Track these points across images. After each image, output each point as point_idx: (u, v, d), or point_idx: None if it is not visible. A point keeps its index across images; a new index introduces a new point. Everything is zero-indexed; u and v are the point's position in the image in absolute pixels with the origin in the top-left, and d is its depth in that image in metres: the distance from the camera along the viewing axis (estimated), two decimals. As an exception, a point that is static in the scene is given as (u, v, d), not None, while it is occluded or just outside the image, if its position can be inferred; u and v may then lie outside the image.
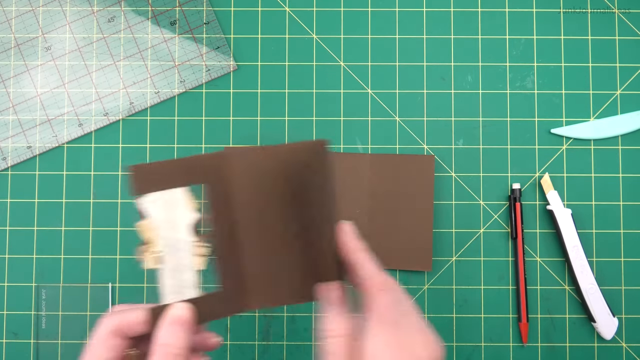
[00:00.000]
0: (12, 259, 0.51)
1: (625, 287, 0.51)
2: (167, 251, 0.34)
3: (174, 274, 0.34)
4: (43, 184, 0.51)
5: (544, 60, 0.52)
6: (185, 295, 0.34)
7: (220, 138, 0.51)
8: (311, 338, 0.50)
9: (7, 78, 0.52)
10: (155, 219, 0.33)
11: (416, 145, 0.51)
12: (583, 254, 0.49)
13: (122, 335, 0.32)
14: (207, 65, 0.52)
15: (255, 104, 0.52)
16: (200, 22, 0.52)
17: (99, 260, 0.51)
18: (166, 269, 0.34)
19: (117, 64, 0.52)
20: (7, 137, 0.51)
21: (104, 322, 0.32)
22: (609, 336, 0.49)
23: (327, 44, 0.52)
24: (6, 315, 0.50)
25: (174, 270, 0.34)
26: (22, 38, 0.52)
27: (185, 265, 0.34)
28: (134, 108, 0.52)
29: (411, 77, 0.52)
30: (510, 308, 0.50)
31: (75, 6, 0.52)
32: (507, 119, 0.52)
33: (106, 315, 0.32)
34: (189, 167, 0.33)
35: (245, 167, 0.35)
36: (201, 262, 0.34)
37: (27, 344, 0.50)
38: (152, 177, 0.33)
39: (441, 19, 0.52)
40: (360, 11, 0.52)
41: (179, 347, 0.30)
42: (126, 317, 0.32)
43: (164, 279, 0.34)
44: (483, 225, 0.51)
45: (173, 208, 0.34)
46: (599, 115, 0.52)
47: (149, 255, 0.34)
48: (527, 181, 0.51)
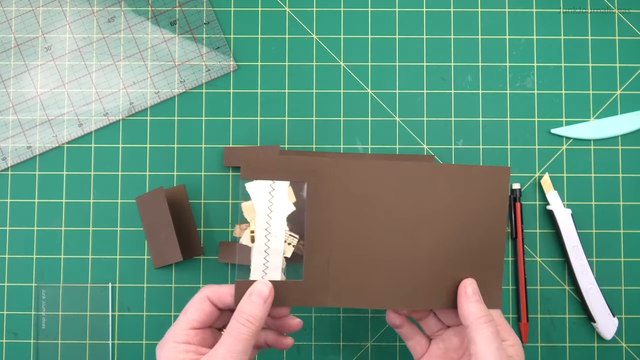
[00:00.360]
0: (12, 259, 0.51)
1: (625, 287, 0.51)
2: (261, 233, 0.37)
3: (263, 254, 0.37)
4: (43, 184, 0.51)
5: (544, 60, 0.52)
6: (270, 276, 0.37)
7: (220, 138, 0.51)
8: (311, 338, 0.50)
9: (7, 78, 0.52)
10: (256, 202, 0.37)
11: (416, 145, 0.51)
12: (583, 254, 0.49)
13: (213, 303, 0.37)
14: (207, 65, 0.52)
15: (255, 104, 0.52)
16: (200, 22, 0.52)
17: (99, 260, 0.51)
18: (257, 249, 0.37)
19: (117, 64, 0.52)
20: (7, 137, 0.51)
21: (202, 289, 0.38)
22: (609, 336, 0.49)
23: (327, 44, 0.52)
24: (6, 315, 0.50)
25: (264, 251, 0.37)
26: (22, 38, 0.52)
27: (275, 249, 0.37)
28: (134, 108, 0.52)
29: (411, 77, 0.52)
30: (510, 308, 0.50)
31: (75, 6, 0.52)
32: (507, 119, 0.52)
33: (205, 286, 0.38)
34: (296, 166, 0.37)
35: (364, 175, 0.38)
36: (289, 250, 0.38)
37: (27, 344, 0.50)
38: (261, 167, 0.37)
39: (441, 19, 0.52)
40: (360, 11, 0.52)
41: (254, 317, 0.35)
42: (219, 288, 0.37)
43: (254, 257, 0.37)
44: (483, 225, 0.51)
45: (275, 197, 0.37)
46: (599, 115, 0.52)
47: (245, 232, 0.38)
48: (527, 181, 0.51)
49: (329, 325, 0.51)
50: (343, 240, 0.38)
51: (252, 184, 0.37)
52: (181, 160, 0.51)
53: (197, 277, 0.51)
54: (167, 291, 0.50)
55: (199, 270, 0.51)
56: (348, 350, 0.50)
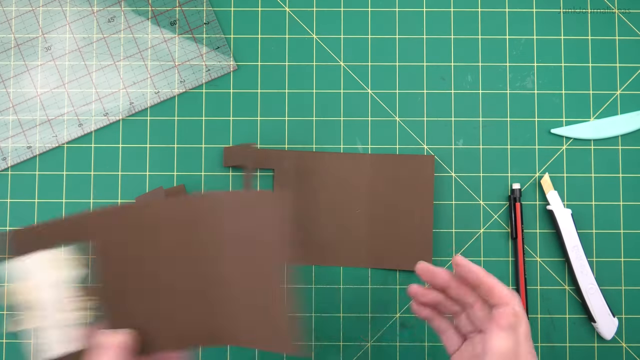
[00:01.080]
0: (12, 259, 0.51)
1: (625, 287, 0.51)
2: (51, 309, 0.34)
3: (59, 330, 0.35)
4: (43, 184, 0.51)
5: (544, 60, 0.52)
6: (71, 347, 0.35)
7: (220, 138, 0.51)
8: (311, 338, 0.50)
9: (7, 78, 0.52)
10: (36, 279, 0.34)
11: (416, 145, 0.51)
12: (583, 254, 0.49)
13: None
14: (207, 65, 0.52)
15: (255, 104, 0.52)
16: (200, 22, 0.52)
17: (99, 260, 0.51)
18: (50, 327, 0.34)
19: (117, 64, 0.52)
20: (7, 137, 0.51)
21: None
22: (609, 336, 0.49)
23: (327, 44, 0.52)
24: (6, 315, 0.50)
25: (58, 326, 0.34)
26: (22, 38, 0.52)
27: (68, 319, 0.35)
28: (134, 108, 0.52)
29: (411, 77, 0.52)
30: (510, 308, 0.50)
31: (75, 6, 0.52)
32: (507, 119, 0.52)
33: None
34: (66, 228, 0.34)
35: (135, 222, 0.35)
36: (85, 315, 0.35)
37: (27, 344, 0.50)
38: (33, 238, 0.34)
39: (441, 19, 0.52)
40: (360, 11, 0.52)
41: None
42: None
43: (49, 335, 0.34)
44: (483, 225, 0.51)
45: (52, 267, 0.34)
46: (599, 115, 0.52)
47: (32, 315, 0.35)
48: (527, 181, 0.51)
49: (329, 325, 0.50)
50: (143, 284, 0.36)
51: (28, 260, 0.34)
52: (181, 160, 0.51)
53: (197, 277, 0.51)
54: (167, 291, 0.50)
55: (199, 270, 0.51)
56: (348, 350, 0.50)
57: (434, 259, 0.50)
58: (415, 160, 0.50)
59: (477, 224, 0.51)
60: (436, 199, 0.51)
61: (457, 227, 0.51)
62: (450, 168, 0.51)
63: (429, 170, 0.50)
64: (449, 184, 0.51)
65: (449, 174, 0.51)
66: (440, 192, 0.51)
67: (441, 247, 0.51)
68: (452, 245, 0.51)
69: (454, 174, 0.51)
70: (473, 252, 0.51)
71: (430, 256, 0.50)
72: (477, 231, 0.51)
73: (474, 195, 0.51)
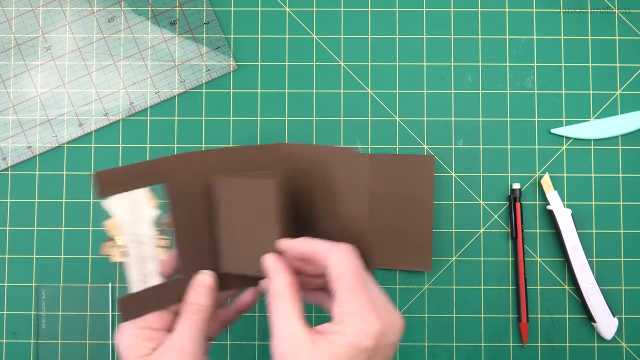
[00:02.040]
0: (12, 259, 0.51)
1: (625, 287, 0.51)
2: (131, 245, 0.37)
3: (139, 265, 0.37)
4: (43, 184, 0.51)
5: (544, 60, 0.52)
6: (149, 283, 0.38)
7: (220, 138, 0.51)
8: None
9: (7, 78, 0.52)
10: (119, 217, 0.37)
11: (416, 145, 0.51)
12: (583, 254, 0.49)
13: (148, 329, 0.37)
14: (207, 65, 0.52)
15: (255, 104, 0.52)
16: (200, 22, 0.52)
17: (99, 260, 0.51)
18: (131, 261, 0.37)
19: (117, 64, 0.52)
20: (7, 137, 0.51)
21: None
22: (609, 336, 0.49)
23: (327, 44, 0.52)
24: (6, 315, 0.50)
25: (139, 262, 0.37)
26: (22, 38, 0.52)
27: (149, 256, 0.38)
28: (134, 108, 0.52)
29: (411, 77, 0.52)
30: (510, 308, 0.50)
31: (75, 6, 0.52)
32: (507, 119, 0.52)
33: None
34: (147, 170, 0.37)
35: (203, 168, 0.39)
36: (163, 252, 0.38)
37: (27, 344, 0.50)
38: (115, 181, 0.36)
39: (441, 19, 0.52)
40: (360, 11, 0.52)
41: (202, 305, 0.37)
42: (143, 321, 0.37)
43: (131, 270, 0.37)
44: (483, 225, 0.51)
45: (136, 207, 0.37)
46: (599, 115, 0.52)
47: (115, 250, 0.38)
48: (527, 181, 0.51)
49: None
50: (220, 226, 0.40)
51: (111, 200, 0.36)
52: (181, 160, 0.51)
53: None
54: (167, 291, 0.50)
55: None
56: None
57: (434, 259, 0.50)
58: (415, 160, 0.50)
59: (477, 224, 0.51)
60: (436, 199, 0.51)
61: (457, 227, 0.51)
62: (450, 168, 0.51)
63: (429, 170, 0.50)
64: (449, 184, 0.51)
65: (449, 174, 0.51)
66: (440, 192, 0.51)
67: (441, 247, 0.51)
68: (452, 245, 0.51)
69: (454, 174, 0.51)
70: (473, 252, 0.51)
71: (430, 256, 0.50)
72: (477, 231, 0.51)
73: (474, 195, 0.51)
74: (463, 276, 0.51)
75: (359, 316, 0.32)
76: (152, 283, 0.38)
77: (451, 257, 0.51)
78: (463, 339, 0.50)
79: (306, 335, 0.32)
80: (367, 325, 0.32)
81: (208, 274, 0.38)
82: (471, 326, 0.50)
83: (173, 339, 0.35)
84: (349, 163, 0.39)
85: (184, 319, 0.36)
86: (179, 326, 0.36)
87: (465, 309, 0.50)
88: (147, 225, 0.37)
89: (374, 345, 0.32)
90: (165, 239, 0.38)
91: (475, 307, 0.50)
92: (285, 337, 0.33)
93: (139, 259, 0.37)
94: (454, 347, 0.50)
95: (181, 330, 0.36)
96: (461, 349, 0.50)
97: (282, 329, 0.33)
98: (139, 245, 0.37)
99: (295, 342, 0.32)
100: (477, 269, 0.51)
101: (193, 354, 0.35)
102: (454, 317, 0.50)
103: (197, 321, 0.36)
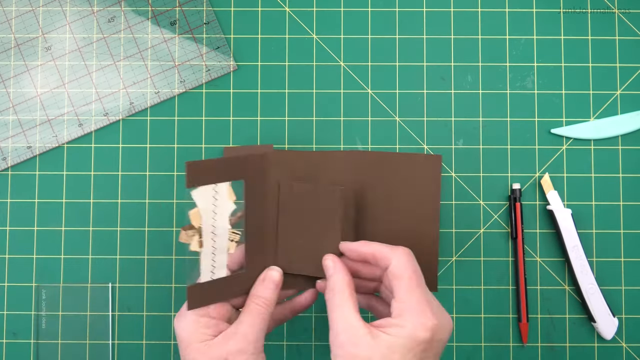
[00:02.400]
0: (12, 259, 0.51)
1: (625, 287, 0.51)
2: (208, 236, 0.38)
3: (211, 256, 0.39)
4: (43, 184, 0.51)
5: (544, 60, 0.52)
6: (217, 274, 0.39)
7: (220, 138, 0.51)
8: (311, 338, 0.50)
9: (7, 78, 0.52)
10: (202, 208, 0.38)
11: (416, 145, 0.51)
12: (583, 254, 0.49)
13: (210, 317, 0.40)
14: (207, 65, 0.52)
15: (255, 104, 0.52)
16: (200, 22, 0.52)
17: (99, 260, 0.51)
18: (205, 252, 0.38)
19: (117, 64, 0.52)
20: (7, 137, 0.51)
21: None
22: (609, 336, 0.49)
23: (327, 44, 0.52)
24: (6, 315, 0.50)
25: (212, 253, 0.39)
26: (22, 38, 0.52)
27: (221, 248, 0.39)
28: (134, 108, 0.52)
29: (411, 77, 0.52)
30: (510, 308, 0.50)
31: (75, 6, 0.52)
32: (507, 119, 0.52)
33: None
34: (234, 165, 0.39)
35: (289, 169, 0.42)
36: (233, 246, 0.40)
37: (27, 344, 0.50)
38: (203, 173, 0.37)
39: (441, 19, 0.52)
40: (360, 11, 0.52)
41: (267, 299, 0.40)
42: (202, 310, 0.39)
43: (203, 260, 0.38)
44: (483, 225, 0.51)
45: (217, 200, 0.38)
46: (599, 115, 0.52)
47: (195, 239, 0.39)
48: (527, 181, 0.51)
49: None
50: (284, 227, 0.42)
51: (198, 191, 0.38)
52: (181, 160, 0.51)
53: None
54: (167, 291, 0.50)
55: (199, 270, 0.51)
56: (348, 350, 0.50)
57: (434, 259, 0.50)
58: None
59: (477, 224, 0.51)
60: (436, 199, 0.51)
61: (457, 227, 0.51)
62: (450, 168, 0.51)
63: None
64: (449, 184, 0.51)
65: (449, 174, 0.51)
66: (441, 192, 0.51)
67: (441, 247, 0.51)
68: (452, 245, 0.51)
69: (454, 174, 0.51)
70: (473, 252, 0.51)
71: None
72: (477, 231, 0.51)
73: (474, 195, 0.51)
74: (463, 276, 0.51)
75: (418, 311, 0.35)
76: (219, 275, 0.39)
77: (451, 257, 0.51)
78: (463, 339, 0.50)
79: (364, 328, 0.35)
80: (425, 320, 0.35)
81: (277, 270, 0.41)
82: (471, 326, 0.50)
83: (238, 327, 0.38)
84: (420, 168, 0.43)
85: (250, 309, 0.39)
86: (245, 316, 0.39)
87: (465, 309, 0.50)
88: (224, 218, 0.39)
89: (429, 338, 0.34)
90: (237, 233, 0.40)
91: (475, 307, 0.50)
92: (345, 329, 0.35)
93: (212, 250, 0.39)
94: (454, 347, 0.50)
95: (247, 320, 0.38)
96: (461, 349, 0.50)
97: (342, 322, 0.36)
98: (214, 236, 0.39)
99: (354, 334, 0.35)
100: (477, 269, 0.51)
101: (255, 344, 0.37)
102: (454, 317, 0.50)
103: (262, 313, 0.39)
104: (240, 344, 0.37)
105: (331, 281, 0.39)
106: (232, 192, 0.39)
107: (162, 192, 0.51)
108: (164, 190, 0.51)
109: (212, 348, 0.37)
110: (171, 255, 0.51)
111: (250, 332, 0.38)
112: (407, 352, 0.34)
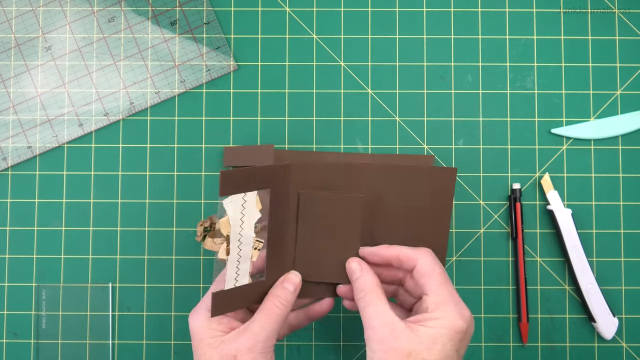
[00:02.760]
0: (12, 259, 0.51)
1: (625, 287, 0.51)
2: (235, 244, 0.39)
3: (236, 264, 0.39)
4: (43, 184, 0.51)
5: (544, 60, 0.52)
6: (240, 282, 0.39)
7: (220, 138, 0.51)
8: (311, 338, 0.50)
9: (7, 78, 0.52)
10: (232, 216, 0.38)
11: (416, 145, 0.51)
12: (583, 254, 0.49)
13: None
14: (207, 65, 0.52)
15: (255, 104, 0.52)
16: (200, 22, 0.52)
17: (99, 260, 0.51)
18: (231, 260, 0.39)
19: (117, 64, 0.52)
20: (7, 137, 0.51)
21: None
22: (609, 336, 0.49)
23: (327, 44, 0.52)
24: (6, 315, 0.50)
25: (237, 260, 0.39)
26: (22, 38, 0.52)
27: (245, 256, 0.39)
28: (134, 108, 0.52)
29: (411, 77, 0.52)
30: (510, 308, 0.50)
31: (75, 6, 0.52)
32: (507, 119, 0.52)
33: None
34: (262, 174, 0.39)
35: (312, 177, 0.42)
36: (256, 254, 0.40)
37: (27, 344, 0.50)
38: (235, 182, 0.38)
39: (441, 19, 0.52)
40: (360, 11, 0.52)
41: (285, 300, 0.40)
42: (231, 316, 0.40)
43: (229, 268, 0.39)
44: (483, 225, 0.51)
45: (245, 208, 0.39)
46: (599, 115, 0.52)
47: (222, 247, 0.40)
48: (527, 181, 0.51)
49: (329, 325, 0.51)
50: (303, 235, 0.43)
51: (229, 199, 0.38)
52: (181, 160, 0.51)
53: (197, 277, 0.51)
54: (167, 291, 0.50)
55: (199, 270, 0.51)
56: (348, 350, 0.50)
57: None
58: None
59: (477, 224, 0.51)
60: (436, 199, 0.51)
61: (457, 227, 0.51)
62: (450, 168, 0.51)
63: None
64: (449, 184, 0.51)
65: (449, 174, 0.51)
66: (441, 192, 0.51)
67: (441, 247, 0.51)
68: (452, 245, 0.51)
69: (454, 174, 0.51)
70: (473, 252, 0.51)
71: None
72: (477, 231, 0.51)
73: (474, 195, 0.51)
74: (463, 276, 0.51)
75: (454, 303, 0.37)
76: (242, 282, 0.40)
77: (451, 257, 0.51)
78: (463, 339, 0.50)
79: (402, 323, 0.36)
80: (461, 310, 0.37)
81: (297, 274, 0.42)
82: (471, 326, 0.50)
83: (250, 325, 0.38)
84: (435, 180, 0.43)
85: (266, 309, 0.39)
86: (259, 315, 0.39)
87: (466, 309, 0.50)
88: (251, 227, 0.39)
89: (466, 327, 0.37)
90: (260, 241, 0.40)
91: (475, 307, 0.50)
92: (383, 325, 0.36)
93: (237, 257, 0.39)
94: (454, 347, 0.50)
95: (260, 319, 0.39)
96: (461, 349, 0.50)
97: (379, 319, 0.37)
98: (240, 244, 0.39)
99: (393, 329, 0.36)
100: (477, 269, 0.51)
101: (265, 344, 0.38)
102: (454, 317, 0.50)
103: (276, 314, 0.39)
104: (249, 341, 0.38)
105: (360, 282, 0.40)
106: (259, 201, 0.40)
107: (162, 192, 0.51)
108: (164, 190, 0.51)
109: (223, 344, 0.38)
110: (171, 255, 0.51)
111: (261, 331, 0.38)
112: (448, 341, 0.36)
